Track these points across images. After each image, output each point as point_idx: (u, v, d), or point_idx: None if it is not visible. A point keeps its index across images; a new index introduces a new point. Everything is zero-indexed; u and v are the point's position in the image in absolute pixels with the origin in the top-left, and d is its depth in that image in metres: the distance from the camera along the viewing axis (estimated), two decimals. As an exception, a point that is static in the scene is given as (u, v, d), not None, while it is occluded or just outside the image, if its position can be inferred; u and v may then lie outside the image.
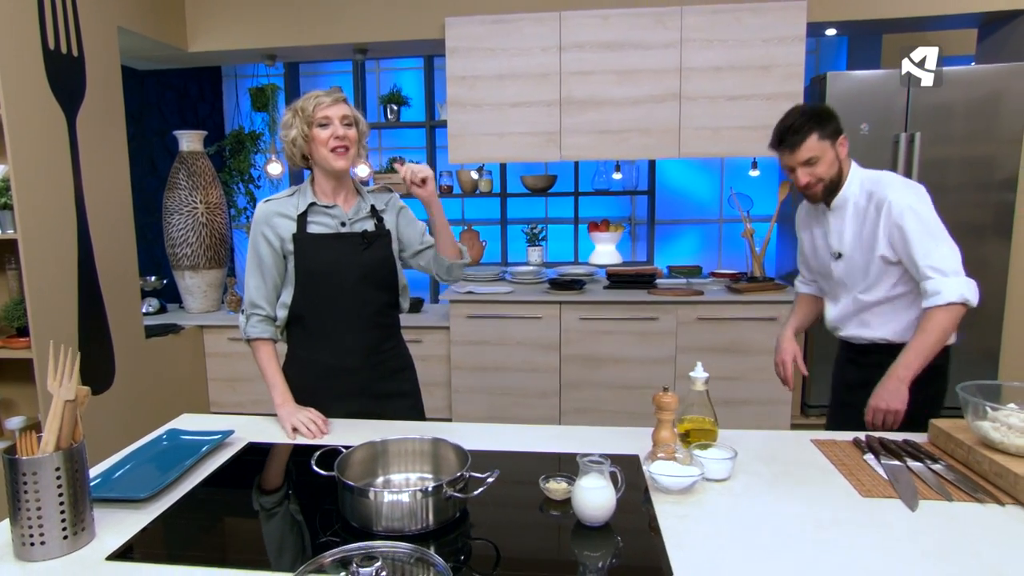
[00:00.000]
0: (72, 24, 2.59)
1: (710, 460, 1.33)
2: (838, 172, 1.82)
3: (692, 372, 1.48)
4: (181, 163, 3.54)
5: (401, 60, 4.62)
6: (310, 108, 1.65)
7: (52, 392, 1.08)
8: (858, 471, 1.39)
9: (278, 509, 1.30)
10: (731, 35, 3.25)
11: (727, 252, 4.39)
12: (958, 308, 1.73)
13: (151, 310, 3.58)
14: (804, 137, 1.77)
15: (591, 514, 1.16)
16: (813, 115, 1.79)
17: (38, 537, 1.07)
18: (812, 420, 3.53)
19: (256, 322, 1.75)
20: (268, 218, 1.71)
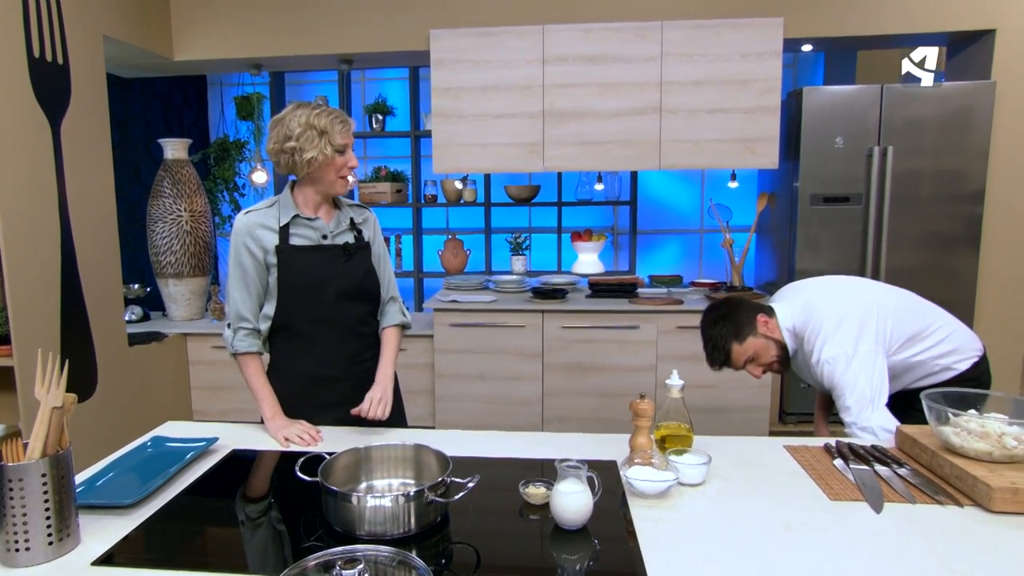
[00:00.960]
0: (57, 32, 2.60)
1: (685, 465, 1.37)
2: (780, 347, 1.92)
3: (668, 380, 1.52)
4: (166, 171, 3.54)
5: (386, 70, 4.65)
6: (335, 133, 1.66)
7: (39, 399, 1.09)
8: (827, 475, 1.44)
9: (262, 515, 1.31)
10: (710, 50, 3.33)
11: (707, 262, 4.46)
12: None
13: (134, 318, 3.57)
14: (727, 353, 1.90)
15: (569, 518, 1.20)
16: (716, 334, 1.90)
17: (23, 543, 1.08)
18: (790, 427, 3.60)
19: (243, 336, 1.75)
20: (250, 230, 1.72)
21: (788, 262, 3.56)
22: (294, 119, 1.66)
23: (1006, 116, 3.34)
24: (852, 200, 3.39)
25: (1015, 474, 1.29)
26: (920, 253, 3.40)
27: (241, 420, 1.79)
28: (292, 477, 1.44)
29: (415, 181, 4.49)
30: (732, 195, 4.17)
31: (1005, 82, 3.32)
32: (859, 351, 1.79)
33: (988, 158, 3.32)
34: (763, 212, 3.87)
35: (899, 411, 1.81)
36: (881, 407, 1.76)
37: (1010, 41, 3.33)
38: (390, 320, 1.90)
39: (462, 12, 3.51)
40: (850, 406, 1.76)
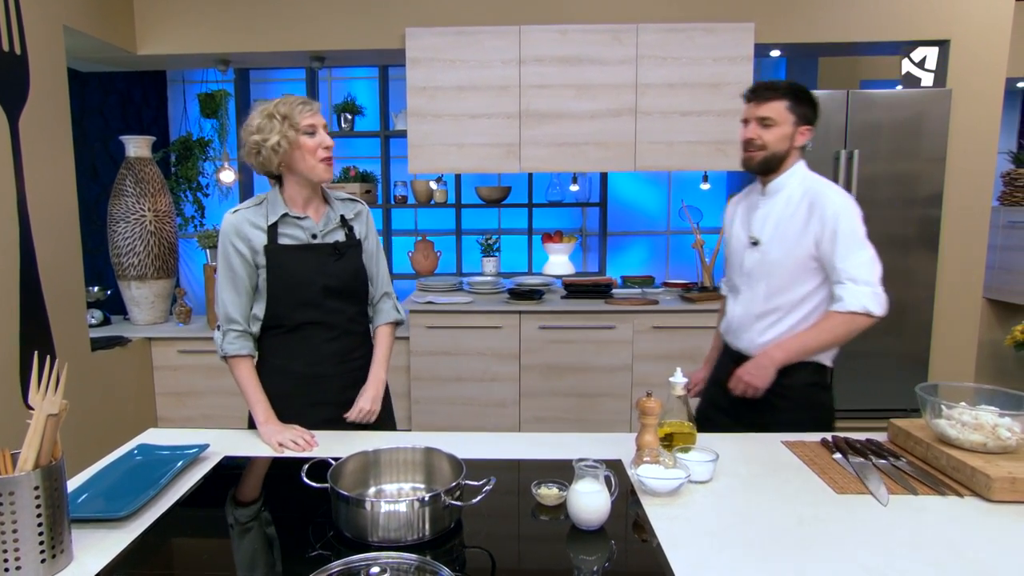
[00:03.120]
0: (15, 20, 2.45)
1: (694, 463, 1.37)
2: (784, 153, 1.78)
3: (671, 378, 1.52)
4: (128, 169, 3.39)
5: (354, 69, 4.56)
6: (295, 115, 1.60)
7: (34, 405, 1.01)
8: (830, 469, 1.46)
9: (265, 524, 1.25)
10: (684, 53, 3.37)
11: (674, 263, 4.52)
12: (859, 318, 1.72)
13: (95, 321, 3.40)
14: (775, 97, 1.75)
15: (587, 518, 1.18)
16: (795, 89, 1.78)
17: (13, 562, 1.00)
18: (760, 424, 3.66)
19: (233, 338, 1.69)
20: (238, 229, 1.66)
21: (758, 262, 3.62)
22: (256, 114, 1.63)
23: (960, 122, 3.48)
24: (819, 202, 3.46)
25: (1011, 464, 1.33)
26: (881, 254, 3.43)
27: (208, 427, 1.71)
28: (291, 483, 1.38)
29: (384, 182, 4.41)
30: (704, 197, 4.23)
31: (959, 90, 3.46)
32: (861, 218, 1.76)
33: (945, 162, 3.44)
34: (732, 214, 3.93)
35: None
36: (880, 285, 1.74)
37: (963, 51, 3.47)
38: (384, 318, 1.86)
39: (438, 11, 3.47)
40: (865, 263, 1.72)
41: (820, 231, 1.74)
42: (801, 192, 1.79)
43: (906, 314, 3.53)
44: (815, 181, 1.81)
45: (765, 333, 1.85)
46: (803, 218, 1.76)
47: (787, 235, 1.78)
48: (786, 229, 1.78)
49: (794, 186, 1.81)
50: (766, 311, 1.85)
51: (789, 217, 1.78)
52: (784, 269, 1.80)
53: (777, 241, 1.80)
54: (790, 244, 1.78)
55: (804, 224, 1.76)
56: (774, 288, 1.82)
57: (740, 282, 1.91)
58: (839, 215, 1.72)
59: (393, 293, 1.90)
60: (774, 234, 1.81)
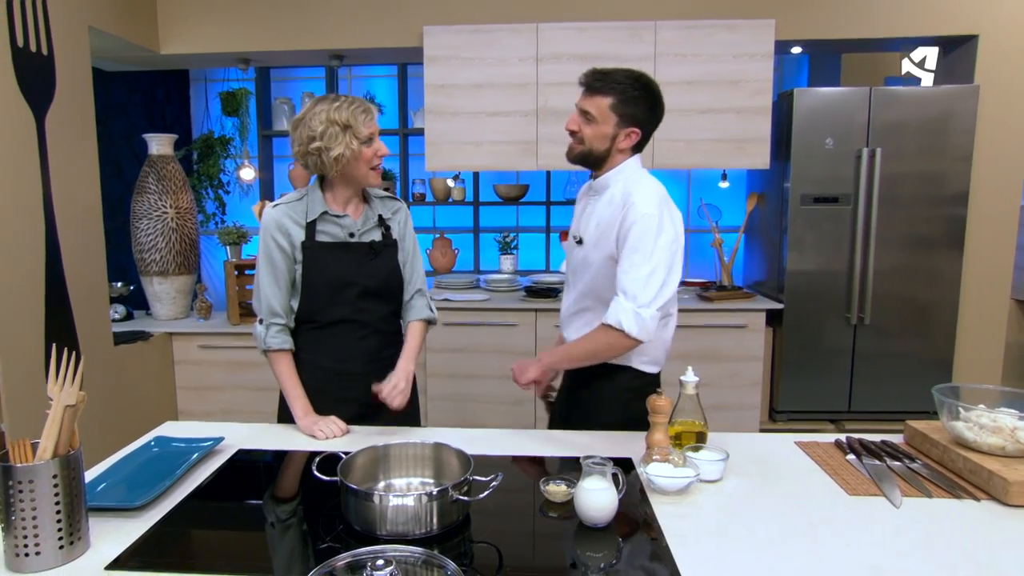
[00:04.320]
0: (42, 22, 2.51)
1: (704, 462, 1.36)
2: (603, 152, 1.67)
3: (683, 376, 1.52)
4: (151, 167, 3.45)
5: (374, 67, 4.60)
6: (358, 124, 1.60)
7: (52, 396, 1.05)
8: (842, 471, 1.44)
9: (277, 515, 1.28)
10: (703, 50, 3.34)
11: (693, 261, 4.49)
12: (614, 334, 1.60)
13: (117, 316, 3.47)
14: (600, 91, 1.63)
15: (594, 515, 1.18)
16: (626, 86, 1.63)
17: (32, 547, 1.03)
18: (780, 425, 3.63)
19: (276, 332, 1.71)
20: (279, 223, 1.68)
21: (778, 262, 3.59)
22: (315, 117, 1.61)
23: (989, 119, 3.41)
24: (841, 200, 3.43)
25: (1029, 468, 1.31)
26: (905, 254, 3.45)
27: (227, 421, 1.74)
28: (303, 476, 1.41)
29: (403, 179, 4.44)
30: (722, 195, 4.19)
31: (988, 86, 3.39)
32: (666, 233, 1.62)
33: (972, 161, 3.38)
34: (753, 212, 3.90)
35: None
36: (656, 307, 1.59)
37: (992, 46, 3.40)
38: (416, 314, 1.85)
39: (456, 9, 3.48)
40: (642, 280, 1.58)
41: (619, 237, 1.64)
42: (621, 192, 1.67)
43: (930, 315, 3.48)
44: (637, 184, 1.67)
45: (578, 333, 1.76)
46: (615, 221, 1.65)
47: (601, 236, 1.68)
48: (603, 230, 1.68)
49: (617, 187, 1.69)
50: (579, 310, 1.79)
51: (608, 219, 1.67)
52: (596, 271, 1.71)
53: (594, 242, 1.71)
54: (602, 245, 1.68)
55: (611, 226, 1.66)
56: (586, 289, 1.75)
57: (568, 279, 1.86)
58: (636, 223, 1.60)
59: (427, 292, 1.89)
60: (594, 234, 1.71)
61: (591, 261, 1.71)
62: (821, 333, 3.52)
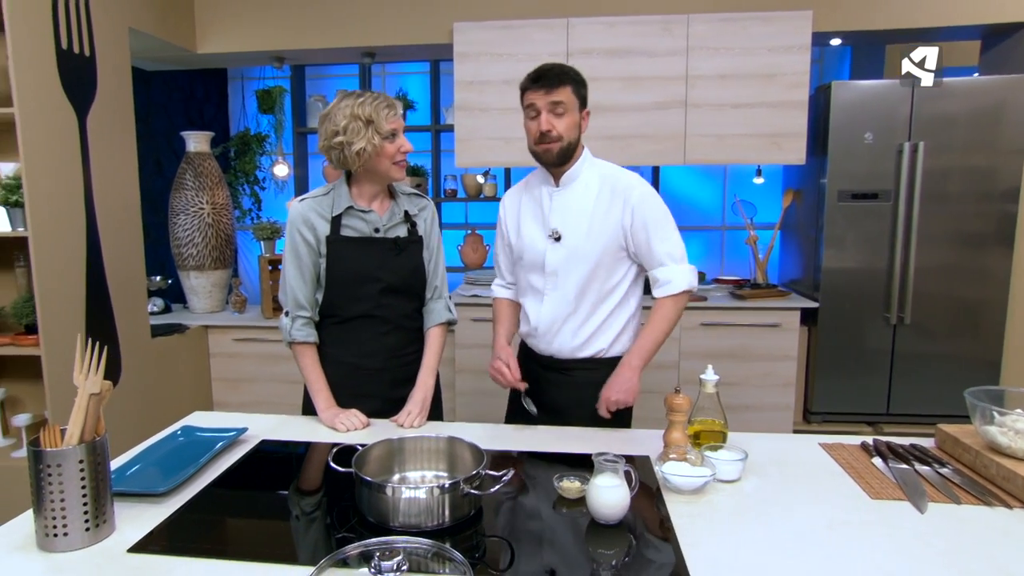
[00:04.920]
0: (84, 24, 2.61)
1: (721, 461, 1.35)
2: (575, 142, 1.71)
3: (703, 375, 1.50)
4: (188, 164, 3.56)
5: (407, 64, 4.65)
6: (380, 119, 1.62)
7: (78, 385, 1.09)
8: (866, 474, 1.41)
9: (294, 505, 1.31)
10: (737, 43, 3.29)
11: (729, 259, 4.42)
12: (685, 297, 1.75)
13: (156, 310, 3.59)
14: (563, 82, 1.66)
15: (605, 512, 1.18)
16: (573, 72, 1.70)
17: (61, 528, 1.08)
18: (815, 427, 3.55)
19: (301, 325, 1.75)
20: (305, 217, 1.71)
21: (814, 259, 3.52)
22: (339, 112, 1.63)
23: (1042, 111, 3.26)
24: (881, 197, 3.33)
25: (1065, 475, 1.26)
26: (951, 252, 3.34)
27: (261, 412, 1.79)
28: (322, 468, 1.44)
29: (435, 176, 4.48)
30: (757, 191, 4.12)
31: (1042, 77, 3.25)
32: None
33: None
34: (789, 209, 3.82)
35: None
36: None
37: (1047, 35, 3.27)
38: (436, 318, 1.85)
39: (486, 5, 3.50)
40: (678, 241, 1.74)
41: (629, 219, 1.71)
42: (598, 179, 1.74)
43: (978, 315, 3.36)
44: (607, 167, 1.78)
45: (578, 333, 1.78)
46: (605, 206, 1.72)
47: (593, 225, 1.72)
48: (592, 217, 1.72)
49: (588, 174, 1.75)
50: (577, 308, 1.77)
51: (592, 206, 1.72)
52: (593, 261, 1.73)
53: (584, 232, 1.72)
54: (597, 234, 1.72)
55: (606, 212, 1.72)
56: (584, 282, 1.74)
57: (543, 283, 1.79)
58: (645, 199, 1.71)
59: (447, 293, 1.89)
60: (579, 225, 1.73)
61: (585, 253, 1.72)
62: (858, 333, 3.43)
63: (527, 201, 1.83)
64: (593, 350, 1.79)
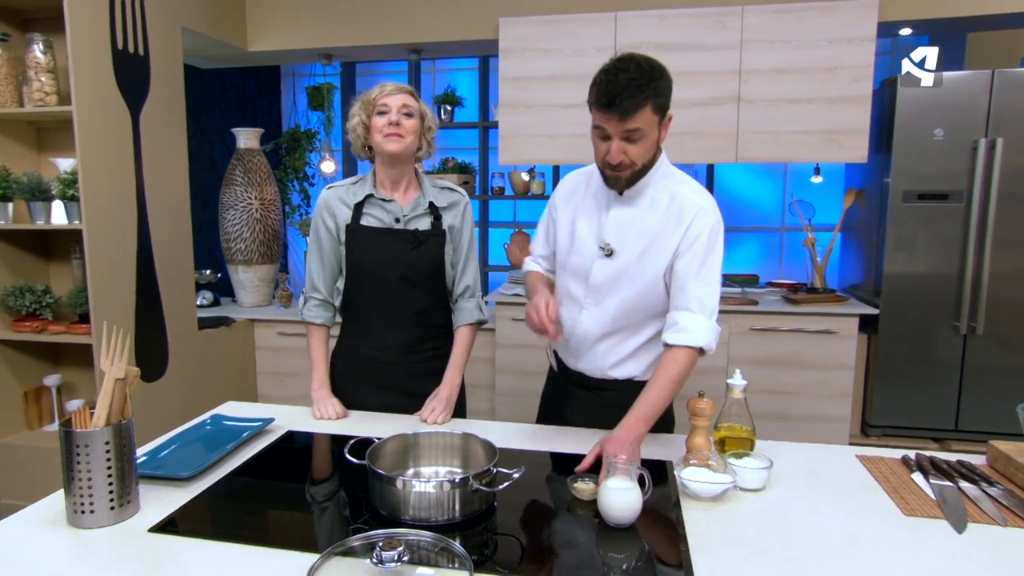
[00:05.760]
0: (140, 25, 2.77)
1: (744, 468, 1.33)
2: (652, 161, 1.53)
3: (730, 379, 1.49)
4: (238, 160, 3.72)
5: (457, 60, 4.72)
6: (373, 96, 1.71)
7: (104, 370, 1.17)
8: (903, 489, 1.37)
9: (312, 495, 1.37)
10: (795, 35, 3.21)
11: (788, 262, 4.31)
12: (696, 356, 1.52)
13: (205, 302, 3.76)
14: (640, 105, 1.41)
15: (616, 515, 1.19)
16: (652, 77, 1.43)
17: (88, 506, 1.16)
18: (873, 440, 3.43)
19: (312, 306, 1.86)
20: (328, 204, 1.80)
21: (876, 264, 3.40)
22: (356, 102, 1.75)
23: None
24: (952, 197, 3.19)
25: (1122, 498, 1.19)
26: (1030, 257, 3.17)
27: (304, 406, 1.86)
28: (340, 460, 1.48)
29: (483, 173, 4.53)
30: (816, 191, 4.01)
31: None
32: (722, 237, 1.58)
33: (1115, 153, 3.06)
34: (850, 210, 3.70)
35: None
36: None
37: None
38: (466, 318, 1.87)
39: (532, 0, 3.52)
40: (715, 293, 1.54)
41: (683, 245, 1.53)
42: (668, 197, 1.56)
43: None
44: (680, 184, 1.58)
45: (609, 355, 1.66)
46: (668, 230, 1.55)
47: (651, 246, 1.56)
48: (650, 239, 1.56)
49: (659, 188, 1.57)
50: (613, 330, 1.64)
51: (655, 226, 1.55)
52: (641, 285, 1.58)
53: (638, 252, 1.57)
54: (652, 258, 1.56)
55: (668, 236, 1.55)
56: (627, 304, 1.61)
57: (584, 295, 1.66)
58: (707, 232, 1.52)
59: (479, 292, 1.90)
60: (635, 244, 1.57)
61: (633, 276, 1.58)
62: (924, 342, 3.29)
63: (587, 200, 1.66)
64: (625, 374, 1.68)
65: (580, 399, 1.76)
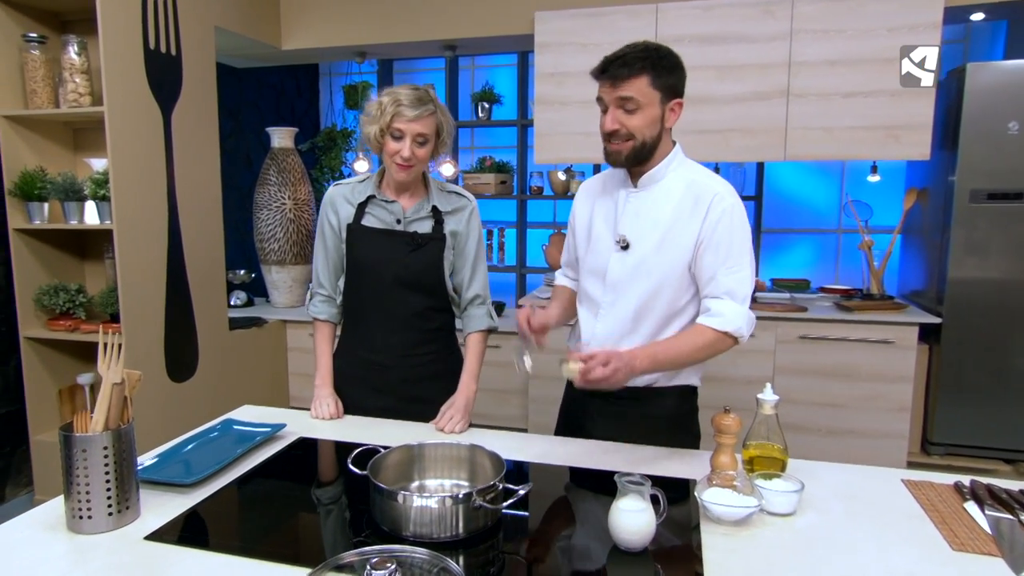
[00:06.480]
0: (172, 24, 2.83)
1: (772, 491, 1.26)
2: (655, 140, 1.53)
3: (760, 394, 1.41)
4: (272, 159, 3.78)
5: (496, 56, 4.70)
6: (389, 115, 1.64)
7: (101, 374, 1.18)
8: (953, 520, 1.27)
9: (315, 506, 1.35)
10: (850, 24, 3.07)
11: (845, 266, 4.14)
12: (728, 340, 1.53)
13: (239, 302, 3.83)
14: (634, 73, 1.47)
15: (627, 538, 1.13)
16: (654, 57, 1.49)
17: (86, 511, 1.17)
18: (935, 459, 3.26)
19: (318, 302, 1.91)
20: (333, 202, 1.83)
21: (939, 268, 3.23)
22: (374, 101, 1.72)
23: None
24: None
25: None
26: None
27: None
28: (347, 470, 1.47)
29: (521, 172, 4.50)
30: (873, 190, 3.84)
31: None
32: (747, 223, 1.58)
33: None
34: (911, 211, 3.53)
35: None
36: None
37: None
38: (476, 324, 1.86)
39: (570, -8, 3.47)
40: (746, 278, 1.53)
41: (704, 233, 1.52)
42: (683, 185, 1.55)
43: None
44: (698, 172, 1.59)
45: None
46: (685, 217, 1.54)
47: (668, 236, 1.55)
48: (667, 229, 1.55)
49: (673, 177, 1.57)
50: (634, 329, 1.61)
51: (671, 214, 1.55)
52: (658, 277, 1.57)
53: (654, 243, 1.56)
54: (669, 247, 1.55)
55: (685, 224, 1.54)
56: (645, 299, 1.58)
57: (602, 295, 1.64)
58: (728, 216, 1.52)
59: (488, 299, 1.89)
60: (651, 234, 1.57)
61: (651, 268, 1.57)
62: (994, 353, 3.11)
63: (603, 198, 1.68)
64: (647, 379, 1.63)
65: (597, 408, 1.72)
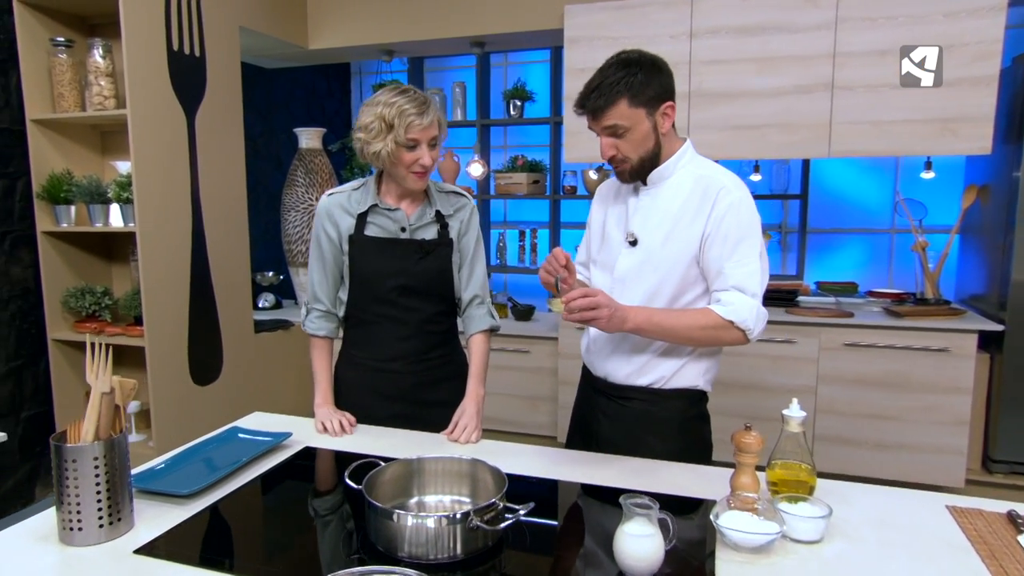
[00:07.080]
0: (196, 25, 2.86)
1: (796, 516, 1.18)
2: (654, 147, 1.55)
3: (786, 410, 1.34)
4: (299, 160, 3.80)
5: (528, 53, 4.66)
6: (402, 128, 1.61)
7: (90, 384, 1.18)
8: (1004, 555, 1.17)
9: (309, 521, 1.33)
10: (902, 11, 2.93)
11: (898, 268, 3.97)
12: (734, 332, 1.52)
13: (267, 305, 3.87)
14: (610, 102, 1.49)
15: (633, 564, 1.07)
16: (628, 73, 1.48)
17: (76, 523, 1.17)
18: (997, 478, 3.09)
19: (314, 318, 1.86)
20: (329, 213, 1.77)
21: (1001, 271, 3.06)
22: (369, 110, 1.65)
23: None
24: (1098, 195, 2.83)
25: None
26: None
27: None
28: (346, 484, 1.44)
29: (554, 171, 4.45)
30: (927, 188, 3.67)
31: None
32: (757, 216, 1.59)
33: None
34: (970, 209, 3.36)
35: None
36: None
37: None
38: (478, 325, 1.84)
39: (601, -16, 3.41)
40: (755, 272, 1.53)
41: (710, 227, 1.54)
42: (692, 179, 1.58)
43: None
44: (707, 166, 1.61)
45: (633, 358, 1.64)
46: (692, 211, 1.56)
47: (674, 230, 1.57)
48: (674, 223, 1.57)
49: (682, 173, 1.60)
50: None
51: (678, 209, 1.57)
52: (663, 271, 1.58)
53: (661, 237, 1.58)
54: (675, 241, 1.57)
55: (692, 218, 1.56)
56: (651, 295, 1.59)
57: (611, 288, 1.63)
58: (734, 209, 1.52)
59: (488, 298, 1.88)
60: (658, 230, 1.59)
61: (658, 262, 1.59)
62: (1060, 365, 2.94)
63: (615, 200, 1.72)
64: (651, 378, 1.64)
65: (604, 410, 1.73)
